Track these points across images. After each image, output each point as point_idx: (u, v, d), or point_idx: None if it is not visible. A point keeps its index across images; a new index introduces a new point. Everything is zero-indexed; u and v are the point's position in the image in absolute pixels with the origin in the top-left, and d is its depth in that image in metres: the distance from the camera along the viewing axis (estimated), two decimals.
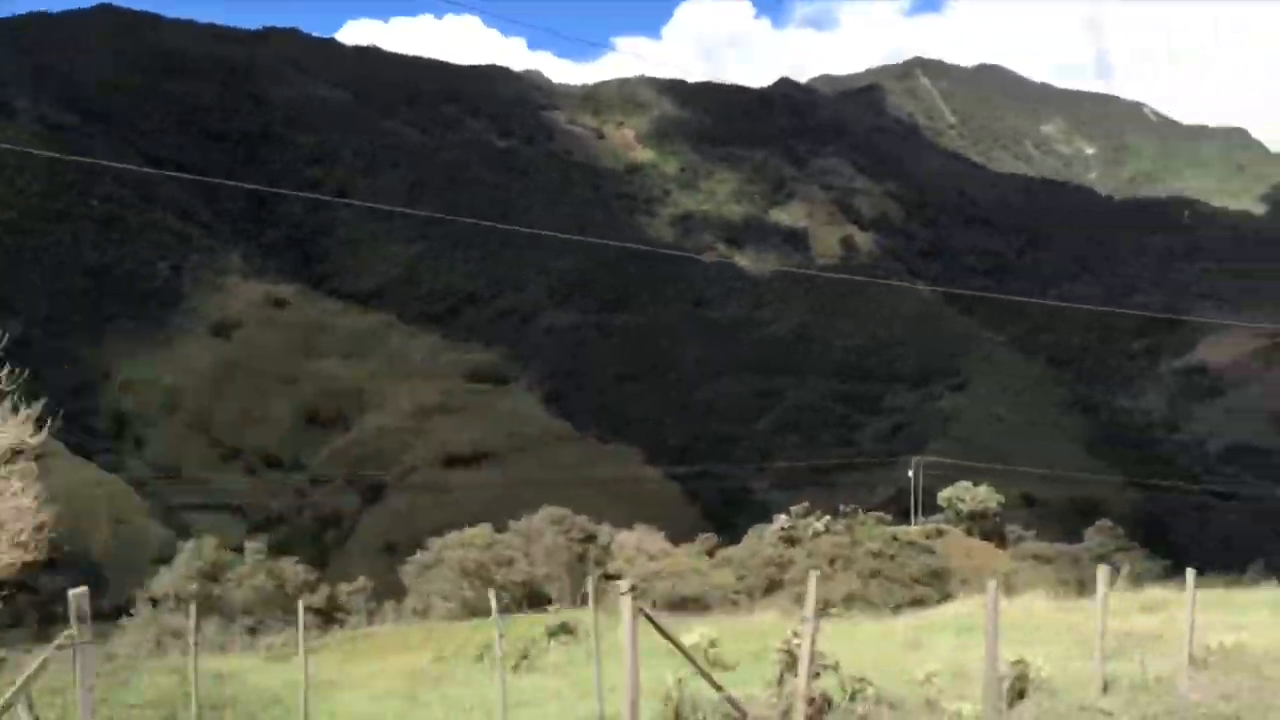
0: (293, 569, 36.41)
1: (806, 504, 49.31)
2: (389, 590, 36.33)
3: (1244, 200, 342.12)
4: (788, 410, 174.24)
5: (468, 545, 30.77)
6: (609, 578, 31.41)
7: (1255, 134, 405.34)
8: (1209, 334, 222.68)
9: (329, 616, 31.20)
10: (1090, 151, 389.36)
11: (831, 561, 39.69)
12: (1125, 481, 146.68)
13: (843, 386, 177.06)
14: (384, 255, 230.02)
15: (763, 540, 48.09)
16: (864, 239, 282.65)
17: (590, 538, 35.66)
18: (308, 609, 28.00)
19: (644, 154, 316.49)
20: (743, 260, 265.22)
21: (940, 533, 54.24)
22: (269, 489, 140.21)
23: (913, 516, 65.63)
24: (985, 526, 56.15)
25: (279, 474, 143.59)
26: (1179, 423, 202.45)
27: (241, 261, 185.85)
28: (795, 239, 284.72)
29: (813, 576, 11.34)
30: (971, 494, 56.64)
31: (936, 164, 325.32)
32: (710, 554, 49.21)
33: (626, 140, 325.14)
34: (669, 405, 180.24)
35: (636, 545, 33.14)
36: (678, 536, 72.13)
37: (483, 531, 33.07)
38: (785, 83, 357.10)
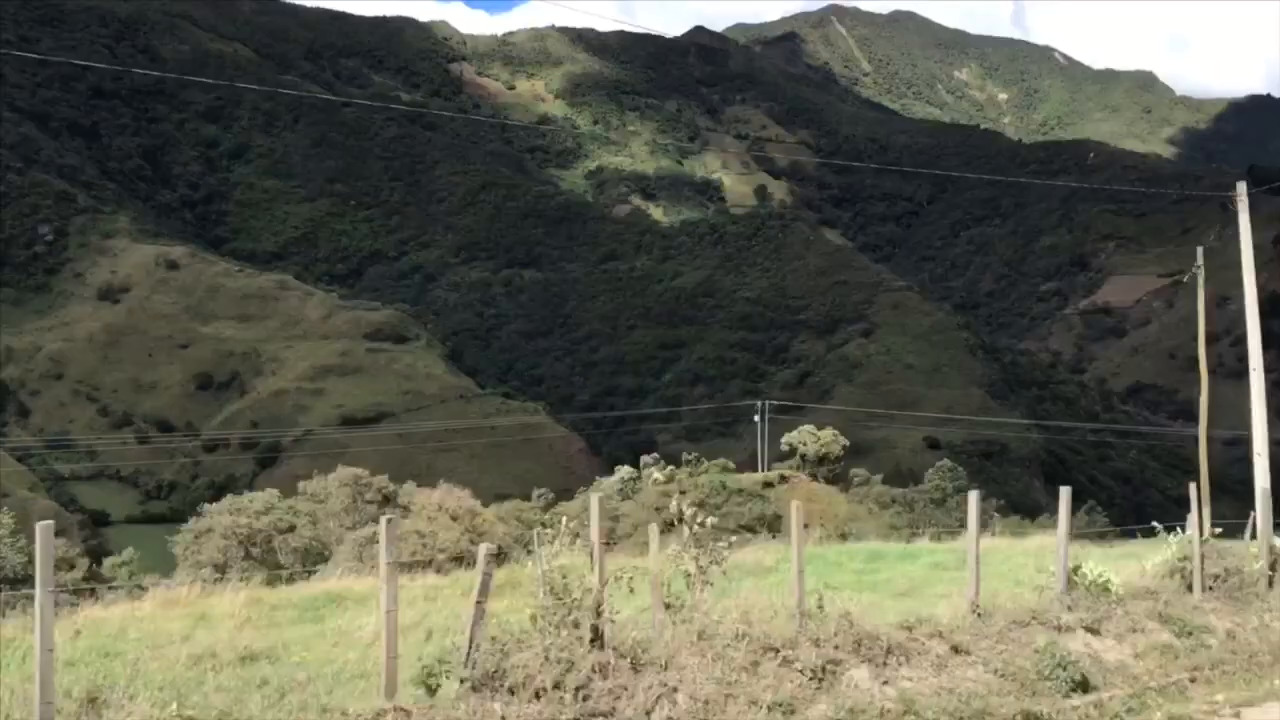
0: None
1: (655, 455, 47.70)
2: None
3: (1151, 143, 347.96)
4: (695, 361, 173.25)
5: (239, 512, 28.59)
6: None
7: (1162, 77, 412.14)
8: (1114, 275, 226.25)
9: (91, 592, 28.90)
10: (1003, 96, 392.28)
11: (658, 510, 38.22)
12: (1029, 424, 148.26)
13: (751, 336, 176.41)
14: (284, 215, 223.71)
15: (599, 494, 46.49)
16: (778, 187, 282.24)
17: (387, 499, 33.69)
18: (62, 587, 25.57)
19: (556, 106, 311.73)
20: (656, 212, 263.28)
21: (784, 479, 53.01)
22: (161, 457, 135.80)
23: (760, 463, 64.52)
24: (832, 470, 55.03)
25: (171, 440, 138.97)
26: (1084, 363, 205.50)
27: (130, 223, 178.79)
28: (709, 189, 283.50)
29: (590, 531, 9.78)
30: (815, 438, 55.43)
31: (851, 111, 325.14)
32: (546, 510, 47.41)
33: (538, 92, 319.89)
34: (577, 360, 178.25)
35: (439, 505, 31.24)
36: (573, 491, 70.41)
37: (268, 496, 30.90)
38: (699, 31, 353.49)
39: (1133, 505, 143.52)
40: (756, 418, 70.31)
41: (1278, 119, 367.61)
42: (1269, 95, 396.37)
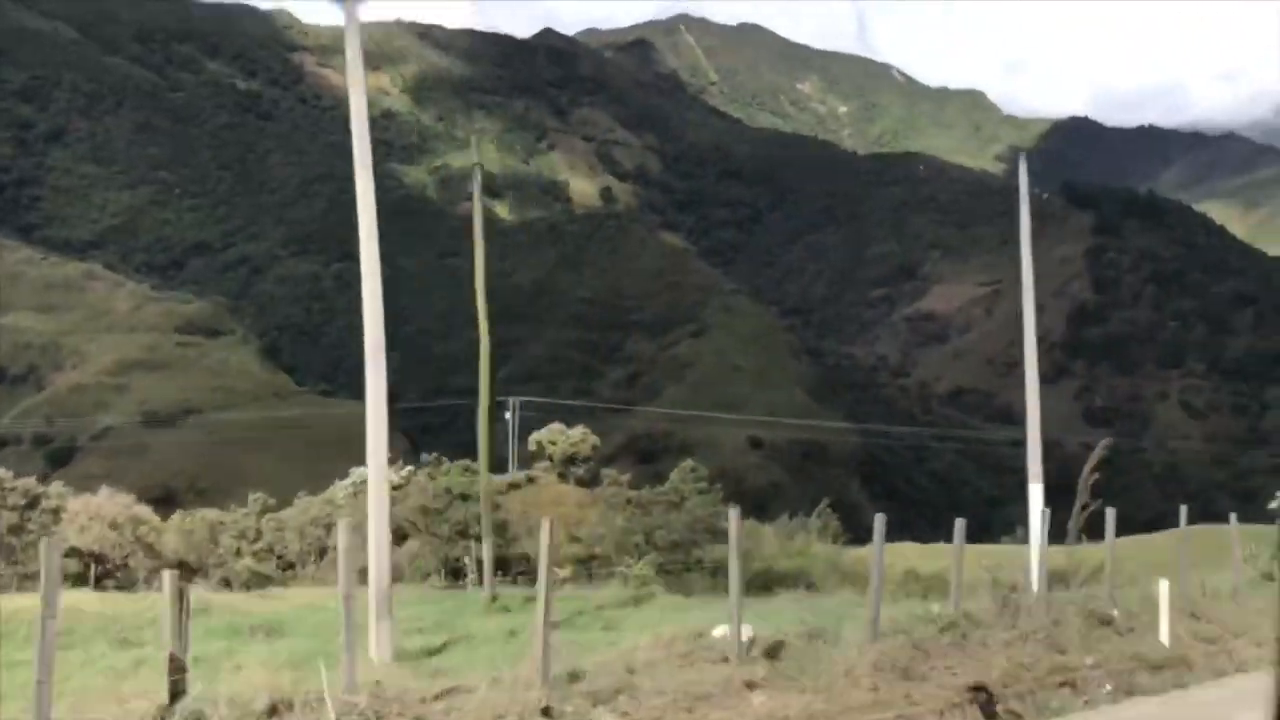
0: None
1: (391, 454, 45.98)
2: None
3: (981, 160, 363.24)
4: (528, 360, 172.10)
5: None
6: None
7: (993, 97, 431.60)
8: (938, 282, 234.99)
9: None
10: (843, 110, 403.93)
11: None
12: (849, 426, 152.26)
13: (586, 335, 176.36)
14: (103, 202, 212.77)
15: (328, 498, 44.98)
16: (622, 190, 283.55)
17: (34, 503, 31.60)
18: None
19: (401, 101, 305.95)
20: (502, 210, 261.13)
21: (531, 480, 51.99)
22: None
23: (510, 462, 63.54)
24: (585, 471, 54.07)
25: None
26: (909, 368, 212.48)
27: None
28: (555, 189, 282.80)
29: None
30: (565, 436, 54.64)
31: (696, 119, 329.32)
32: (261, 516, 45.50)
33: (383, 86, 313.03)
34: (409, 358, 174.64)
35: (95, 511, 29.32)
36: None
37: None
38: (549, 33, 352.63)
39: (948, 505, 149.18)
40: (509, 415, 69.15)
41: (1095, 140, 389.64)
42: (1087, 118, 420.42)
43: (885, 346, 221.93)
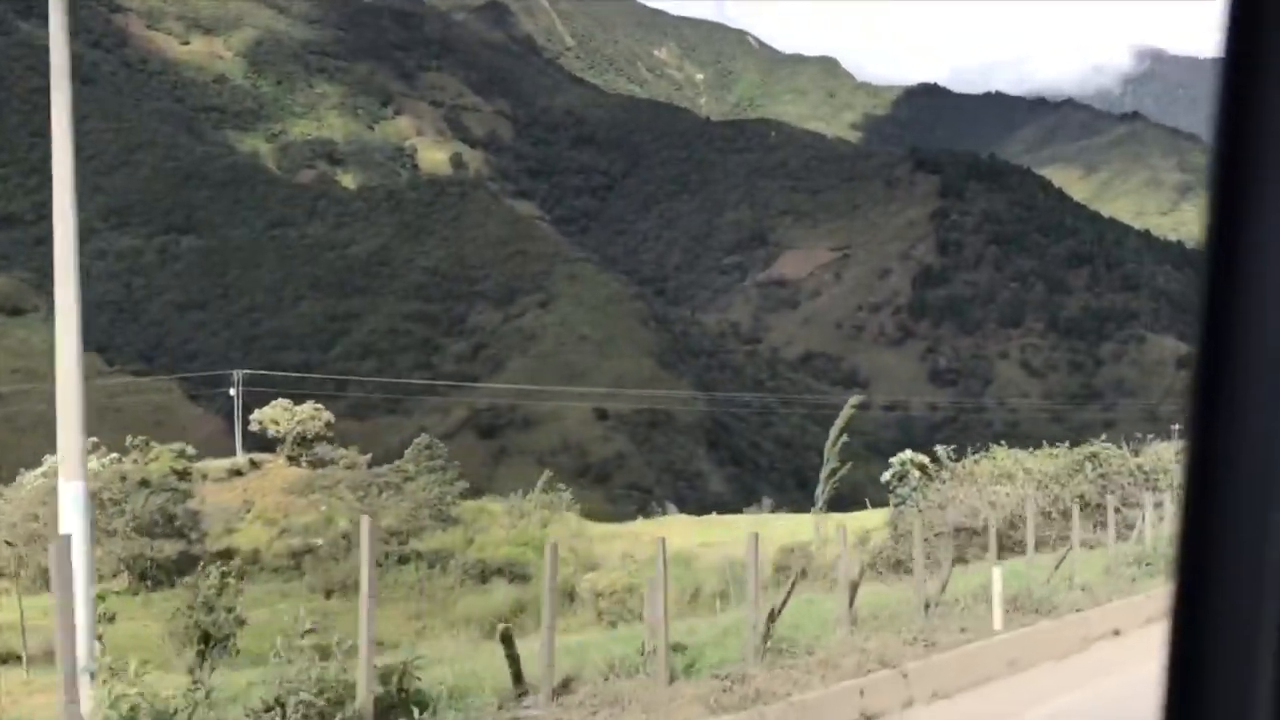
0: None
1: (94, 439, 40.61)
2: None
3: (835, 126, 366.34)
4: (365, 334, 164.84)
5: None
6: None
7: (847, 64, 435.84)
8: (790, 248, 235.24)
9: None
10: (700, 77, 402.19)
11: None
12: (693, 394, 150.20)
13: (427, 307, 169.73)
14: None
15: (20, 490, 39.29)
16: (473, 157, 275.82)
17: None
18: None
19: (236, 66, 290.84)
20: (345, 179, 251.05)
21: (255, 465, 47.19)
22: None
23: (238, 444, 58.69)
24: (316, 452, 49.54)
25: None
26: (760, 334, 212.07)
27: None
28: (401, 157, 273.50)
29: None
30: (290, 414, 49.87)
31: (550, 84, 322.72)
32: None
33: (216, 50, 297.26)
34: (236, 334, 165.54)
35: None
36: None
37: None
38: None
39: (792, 469, 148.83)
40: (232, 390, 63.89)
41: (945, 107, 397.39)
42: (937, 84, 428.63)
43: (738, 313, 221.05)
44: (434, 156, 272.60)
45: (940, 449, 32.88)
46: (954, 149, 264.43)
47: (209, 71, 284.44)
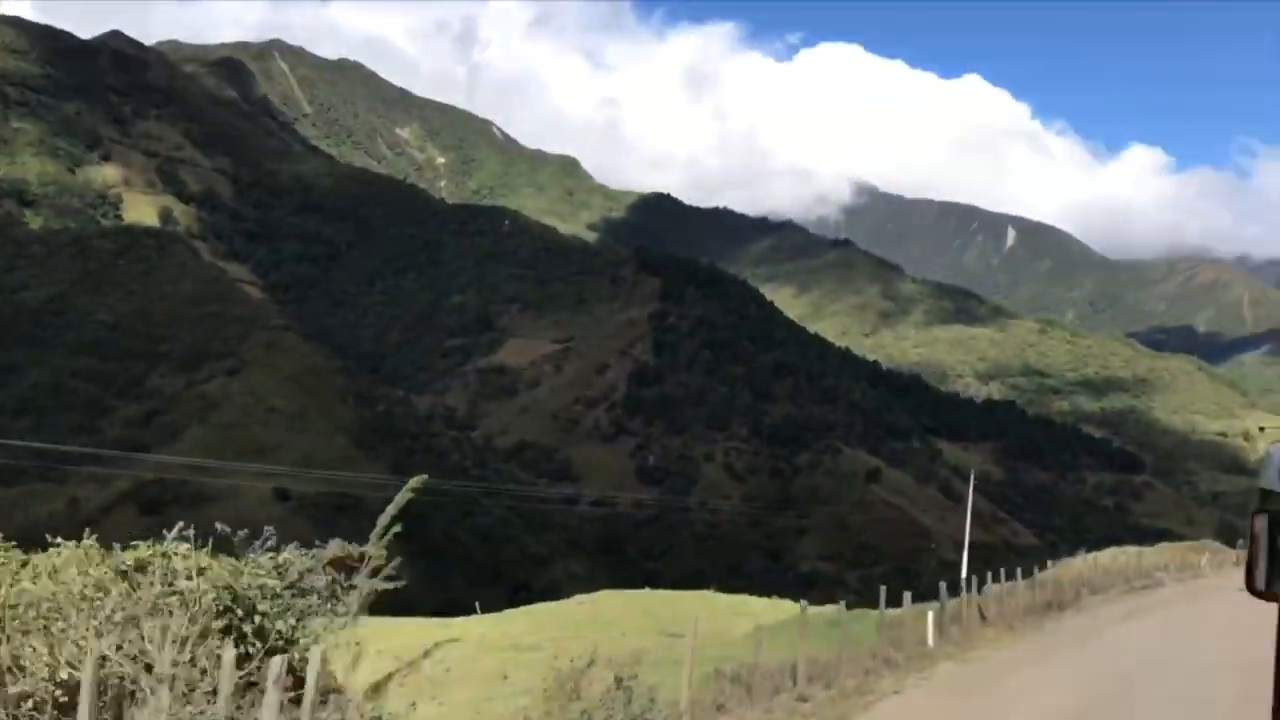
0: None
1: None
2: None
3: (572, 225, 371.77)
4: (26, 390, 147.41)
5: None
6: None
7: (586, 165, 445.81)
8: (513, 337, 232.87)
9: None
10: (442, 160, 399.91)
11: None
12: (385, 479, 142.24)
13: (101, 365, 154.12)
14: None
15: None
16: (184, 212, 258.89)
17: None
18: None
19: None
20: (35, 222, 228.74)
21: None
22: None
23: None
24: None
25: None
26: (476, 420, 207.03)
27: None
28: (104, 204, 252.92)
29: None
30: None
31: (280, 147, 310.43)
32: None
33: None
34: None
35: None
36: None
37: None
38: (117, 36, 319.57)
39: (491, 563, 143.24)
40: None
41: (677, 215, 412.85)
42: (670, 195, 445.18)
43: (455, 398, 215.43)
44: (142, 208, 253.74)
45: None
46: (680, 256, 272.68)
47: None
